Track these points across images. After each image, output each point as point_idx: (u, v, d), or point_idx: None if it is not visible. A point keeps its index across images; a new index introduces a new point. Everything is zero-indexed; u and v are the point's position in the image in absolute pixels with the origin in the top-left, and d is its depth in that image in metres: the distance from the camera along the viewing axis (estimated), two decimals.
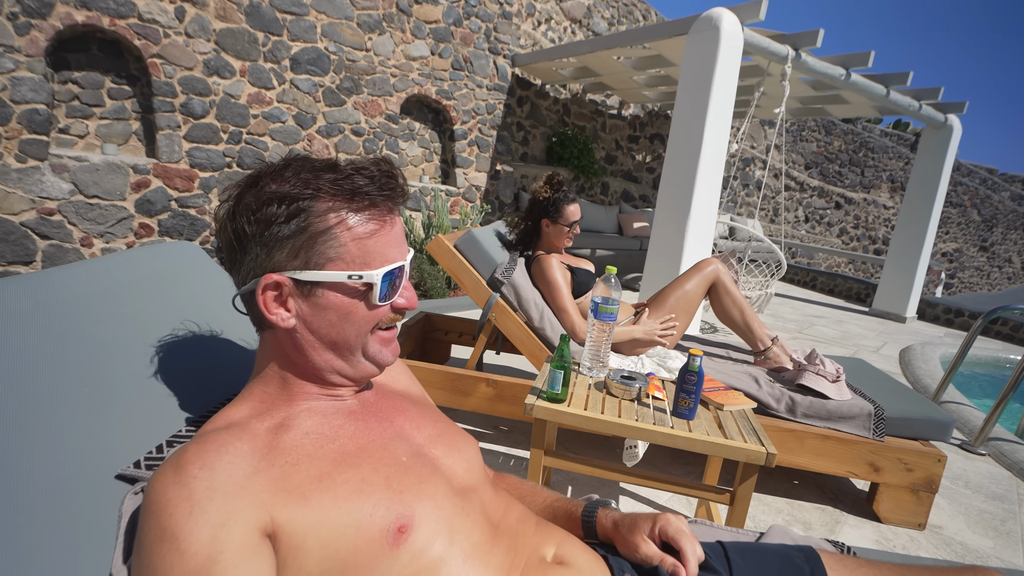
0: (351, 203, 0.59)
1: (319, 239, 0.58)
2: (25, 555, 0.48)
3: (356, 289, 0.61)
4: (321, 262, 0.59)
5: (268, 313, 0.59)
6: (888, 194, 11.13)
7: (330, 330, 0.61)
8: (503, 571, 0.57)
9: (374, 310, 0.62)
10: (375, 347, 0.64)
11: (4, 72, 3.21)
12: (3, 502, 0.50)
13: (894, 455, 1.72)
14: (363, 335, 0.63)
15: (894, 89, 4.62)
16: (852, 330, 4.91)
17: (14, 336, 0.62)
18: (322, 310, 0.60)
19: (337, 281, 0.59)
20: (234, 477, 0.50)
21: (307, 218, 0.58)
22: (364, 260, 0.60)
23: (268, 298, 0.59)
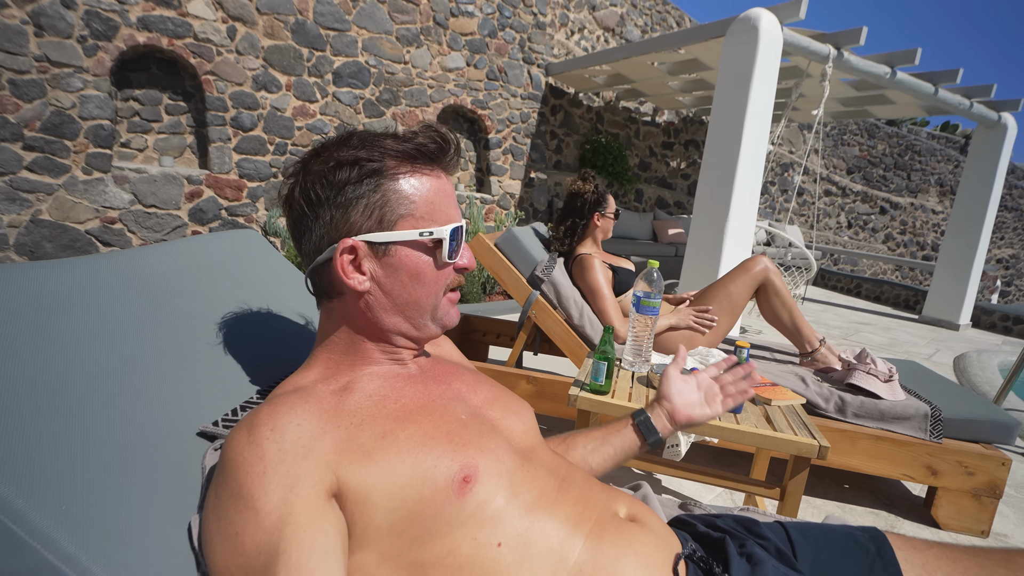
0: (415, 163, 0.62)
1: (391, 197, 0.61)
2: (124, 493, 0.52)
3: (426, 246, 0.63)
4: (393, 219, 0.61)
5: (346, 277, 0.61)
6: (937, 199, 10.67)
7: (402, 291, 0.63)
8: (571, 522, 0.58)
9: (443, 269, 0.65)
10: (443, 310, 0.67)
11: (74, 91, 3.44)
12: (103, 448, 0.54)
13: (953, 458, 1.65)
14: (435, 295, 0.65)
15: (943, 87, 4.46)
16: (901, 337, 4.71)
17: (106, 304, 0.68)
18: (395, 271, 0.62)
19: (409, 239, 0.62)
20: (302, 439, 0.53)
21: (378, 178, 0.61)
22: (432, 217, 0.63)
23: (345, 262, 0.61)
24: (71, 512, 0.47)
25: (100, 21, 3.47)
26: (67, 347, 0.58)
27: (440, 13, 4.94)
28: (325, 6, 4.32)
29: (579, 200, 2.07)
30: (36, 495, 0.46)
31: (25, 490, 0.45)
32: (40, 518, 0.45)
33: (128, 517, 0.51)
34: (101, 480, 0.51)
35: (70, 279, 0.66)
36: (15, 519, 0.43)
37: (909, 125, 11.50)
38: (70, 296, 0.64)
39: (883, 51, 4.01)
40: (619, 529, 0.60)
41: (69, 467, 0.50)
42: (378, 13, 4.60)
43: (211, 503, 0.51)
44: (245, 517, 0.48)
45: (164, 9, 3.67)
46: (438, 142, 0.63)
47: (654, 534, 0.62)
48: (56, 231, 3.48)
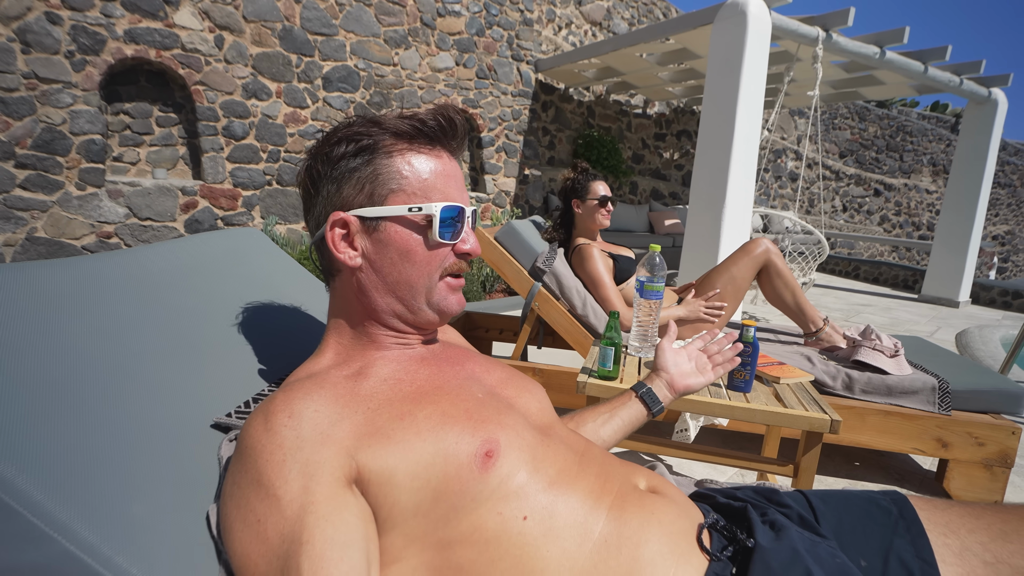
0: (412, 140, 0.62)
1: (382, 171, 0.61)
2: (138, 487, 0.52)
3: (416, 223, 0.62)
4: (383, 193, 0.61)
5: (336, 251, 0.61)
6: (930, 178, 10.71)
7: (392, 269, 0.62)
8: (593, 495, 0.58)
9: (435, 249, 0.63)
10: (441, 293, 0.64)
11: (63, 106, 3.43)
12: (117, 441, 0.53)
13: (963, 429, 1.65)
14: (428, 277, 0.63)
15: (932, 65, 4.47)
16: (902, 316, 4.72)
17: (112, 301, 0.67)
18: (384, 247, 0.62)
19: (398, 215, 0.61)
20: (320, 425, 0.52)
21: (371, 153, 0.61)
22: (425, 194, 0.61)
23: (336, 236, 0.61)
24: (90, 503, 0.46)
25: (87, 36, 3.46)
26: (75, 343, 0.58)
27: (427, 14, 4.94)
28: (311, 11, 4.31)
29: (562, 189, 2.09)
30: (54, 488, 0.45)
31: (43, 483, 0.45)
32: (60, 510, 0.44)
33: (146, 507, 0.50)
34: (117, 472, 0.51)
35: (74, 277, 0.65)
36: (35, 512, 0.43)
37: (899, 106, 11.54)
38: (75, 294, 0.63)
39: (871, 31, 4.02)
40: (640, 500, 0.59)
41: (83, 460, 0.49)
42: (365, 16, 4.59)
43: (229, 491, 0.50)
44: (267, 505, 0.48)
45: (151, 21, 3.66)
46: (439, 121, 0.62)
47: (675, 504, 0.62)
48: (52, 248, 3.47)
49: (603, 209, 2.03)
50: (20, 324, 0.55)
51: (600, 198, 2.02)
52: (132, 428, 0.55)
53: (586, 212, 2.04)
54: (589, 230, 2.08)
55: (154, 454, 0.55)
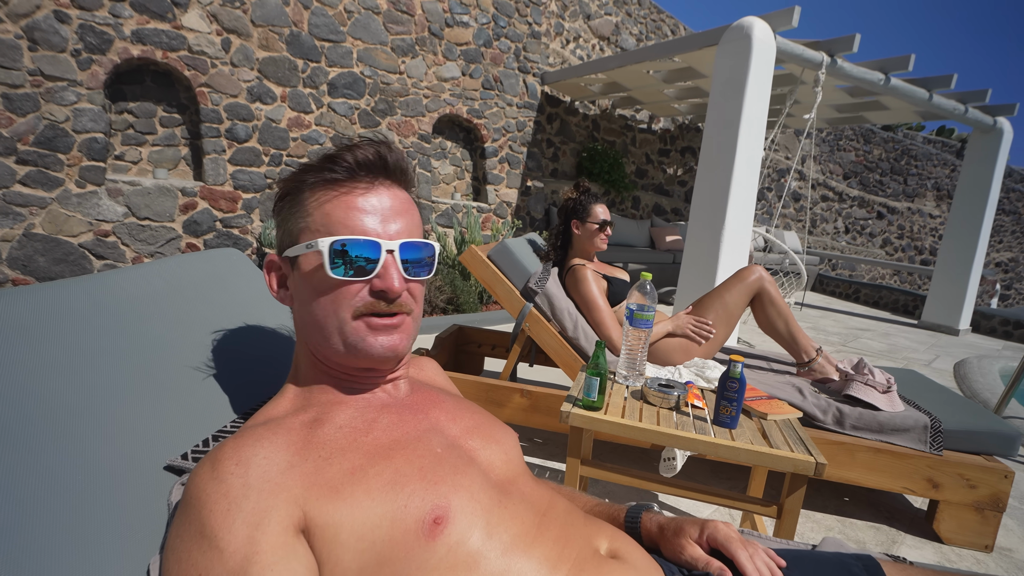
0: (328, 175, 0.60)
1: (294, 210, 0.62)
2: (79, 537, 0.50)
3: (314, 260, 0.60)
4: (295, 232, 0.61)
5: (272, 291, 0.65)
6: (934, 203, 10.68)
7: (304, 309, 0.63)
8: (550, 563, 0.55)
9: (340, 288, 0.59)
10: (355, 335, 0.60)
11: (67, 104, 3.44)
12: (59, 487, 0.51)
13: (954, 470, 1.62)
14: (335, 316, 0.60)
15: (937, 93, 4.47)
16: (900, 343, 4.69)
17: (72, 332, 0.65)
18: (301, 285, 0.62)
19: (300, 253, 0.61)
20: (269, 473, 0.50)
21: (294, 194, 0.62)
22: (327, 229, 0.59)
23: (272, 278, 0.65)
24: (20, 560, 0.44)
25: (94, 35, 3.47)
26: (25, 379, 0.56)
27: (435, 24, 4.96)
28: (320, 17, 4.33)
29: (562, 207, 2.08)
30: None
31: None
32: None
33: (85, 561, 0.48)
34: (57, 521, 0.49)
35: (35, 307, 0.64)
36: None
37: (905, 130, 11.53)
38: (32, 324, 0.61)
39: (877, 57, 4.02)
40: (599, 568, 0.57)
41: (22, 509, 0.47)
42: (373, 24, 4.61)
43: (172, 543, 0.49)
44: (209, 558, 0.46)
45: (158, 22, 3.68)
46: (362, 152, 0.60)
47: (636, 571, 0.59)
48: (49, 245, 3.46)
49: (602, 233, 2.03)
50: None
51: (600, 222, 2.02)
52: (77, 472, 0.53)
53: (585, 234, 2.03)
54: (586, 251, 2.07)
55: (98, 501, 0.53)
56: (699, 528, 0.66)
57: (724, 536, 0.64)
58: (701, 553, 0.63)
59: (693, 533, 0.65)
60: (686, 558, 0.64)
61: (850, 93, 4.96)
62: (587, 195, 2.04)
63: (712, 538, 0.65)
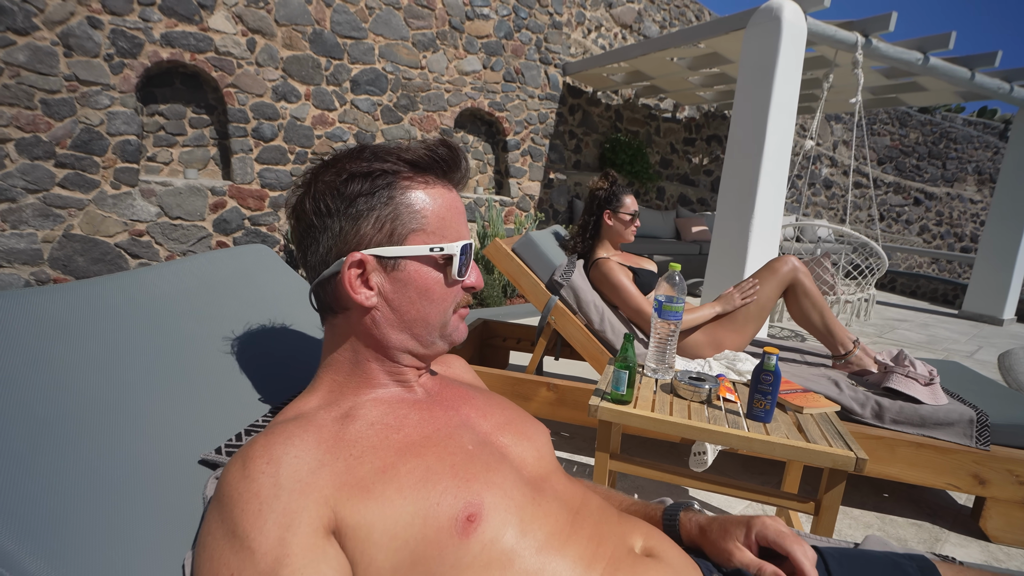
0: (426, 177, 0.62)
1: (402, 211, 0.60)
2: (118, 530, 0.50)
3: (436, 262, 0.62)
4: (404, 233, 0.60)
5: (353, 292, 0.60)
6: (975, 187, 10.24)
7: (410, 307, 0.62)
8: (584, 561, 0.54)
9: (452, 286, 0.63)
10: (452, 326, 0.65)
11: (101, 108, 3.54)
12: (99, 481, 0.52)
13: (1002, 466, 1.55)
14: (444, 313, 0.64)
15: (980, 71, 4.26)
16: (940, 334, 4.52)
17: (109, 329, 0.66)
18: (403, 286, 0.61)
19: (420, 254, 0.61)
20: (299, 472, 0.50)
21: (391, 191, 0.60)
22: (442, 232, 0.62)
23: (352, 276, 0.59)
24: (62, 552, 0.45)
25: (125, 39, 3.56)
26: (65, 375, 0.57)
27: (456, 17, 4.94)
28: (342, 15, 4.36)
29: (592, 197, 2.04)
30: (28, 537, 0.44)
31: (16, 531, 0.44)
32: (31, 561, 0.43)
33: (124, 555, 0.49)
34: (96, 516, 0.50)
35: (73, 304, 0.65)
36: (5, 563, 0.42)
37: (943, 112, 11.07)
38: (72, 321, 0.63)
39: (915, 36, 3.85)
40: (634, 566, 0.56)
41: (63, 503, 0.48)
42: (394, 20, 4.62)
43: (204, 540, 0.49)
44: (241, 558, 0.46)
45: (186, 25, 3.75)
46: (448, 157, 0.62)
47: (672, 570, 0.57)
48: (87, 245, 3.58)
49: (633, 225, 2.02)
50: (12, 355, 0.55)
51: (632, 213, 2.00)
52: (116, 467, 0.54)
53: (617, 225, 2.01)
54: (615, 242, 2.05)
55: (136, 496, 0.54)
56: (745, 528, 0.63)
57: (776, 533, 0.61)
58: (752, 558, 0.61)
59: (739, 535, 0.63)
60: (735, 564, 0.61)
61: (885, 75, 4.77)
62: (618, 185, 2.02)
63: (762, 536, 0.62)
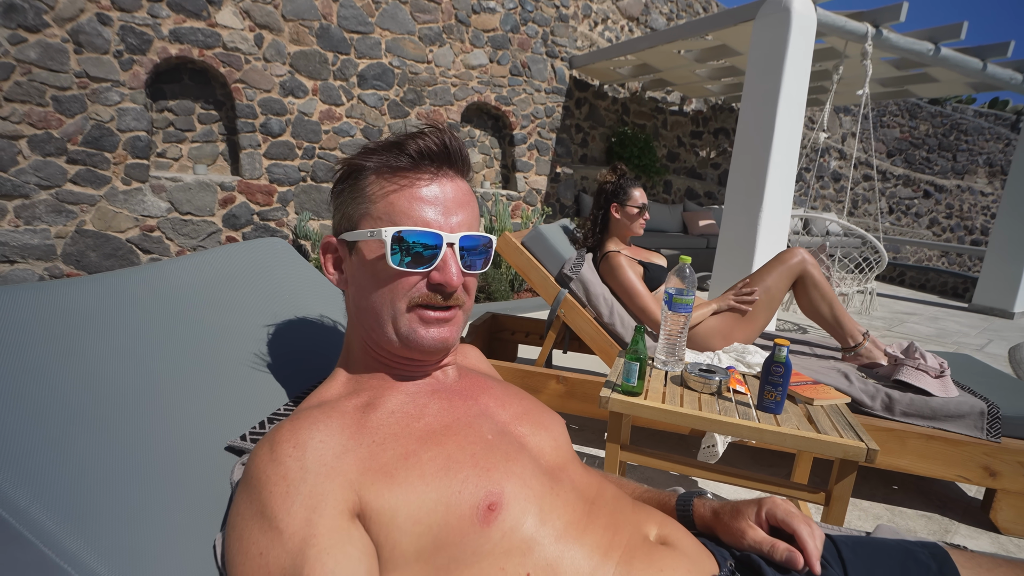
0: (392, 162, 0.60)
1: (356, 195, 0.62)
2: (149, 514, 0.52)
3: (376, 248, 0.60)
4: (356, 217, 0.62)
5: (326, 272, 0.65)
6: (986, 179, 10.13)
7: (361, 294, 0.63)
8: (601, 550, 0.55)
9: (399, 278, 0.59)
10: (407, 325, 0.61)
11: (111, 104, 3.57)
12: (132, 467, 0.54)
13: (1013, 458, 1.55)
14: (391, 305, 0.60)
15: (992, 62, 4.21)
16: (950, 327, 4.49)
17: (135, 319, 0.68)
18: (359, 270, 0.63)
19: (361, 239, 0.61)
20: (325, 457, 0.52)
21: (354, 179, 0.62)
22: (390, 218, 0.59)
23: (327, 260, 0.65)
24: (100, 532, 0.47)
25: (134, 36, 3.58)
26: (97, 365, 0.59)
27: (462, 11, 4.93)
28: (348, 9, 4.36)
29: (600, 191, 2.04)
30: (66, 517, 0.46)
31: (56, 512, 0.45)
32: (71, 540, 0.45)
33: (155, 536, 0.51)
34: (130, 500, 0.51)
35: (100, 296, 0.66)
36: (48, 542, 0.44)
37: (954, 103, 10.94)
38: (100, 313, 0.64)
39: (926, 27, 3.81)
40: (649, 555, 0.57)
41: (98, 487, 0.50)
42: (400, 14, 4.62)
43: (233, 521, 0.50)
44: (269, 538, 0.47)
45: (194, 21, 3.76)
46: (426, 145, 0.59)
47: (687, 557, 0.58)
48: (99, 240, 3.62)
49: (641, 218, 2.01)
50: (46, 347, 0.56)
51: (640, 206, 1.99)
52: (146, 454, 0.56)
53: (624, 218, 2.00)
54: (623, 236, 2.04)
55: (166, 480, 0.55)
56: (756, 507, 0.64)
57: (784, 512, 0.62)
58: (764, 536, 0.62)
59: (751, 514, 0.64)
60: (748, 543, 0.62)
61: (896, 66, 4.72)
62: (626, 178, 2.01)
63: (771, 515, 0.63)
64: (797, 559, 0.58)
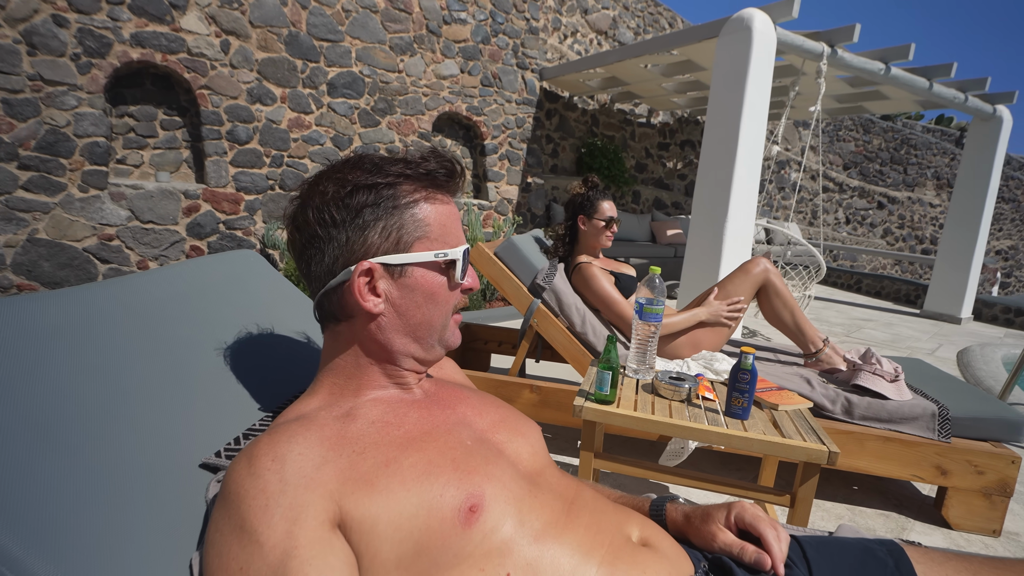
0: (427, 186, 0.64)
1: (407, 220, 0.62)
2: (120, 535, 0.51)
3: (440, 267, 0.65)
4: (410, 241, 0.63)
5: (363, 300, 0.61)
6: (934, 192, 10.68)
7: (416, 312, 0.64)
8: (582, 549, 0.57)
9: (454, 289, 0.66)
10: (449, 330, 0.68)
11: (68, 108, 3.44)
12: (101, 487, 0.52)
13: (963, 457, 1.63)
14: (446, 316, 0.66)
15: (937, 81, 4.47)
16: (904, 332, 4.70)
17: (104, 335, 0.66)
18: (410, 292, 0.63)
19: (425, 261, 0.63)
20: (304, 469, 0.52)
21: (395, 200, 0.62)
22: (444, 239, 0.65)
23: (362, 284, 0.61)
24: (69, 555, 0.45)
25: (93, 39, 3.47)
26: (64, 382, 0.57)
27: (433, 21, 4.95)
28: (318, 17, 4.32)
29: (569, 203, 2.07)
30: (32, 540, 0.44)
31: (22, 536, 0.44)
32: (38, 565, 0.43)
33: (128, 558, 0.50)
34: (101, 520, 0.50)
35: (67, 311, 0.65)
36: (13, 568, 0.42)
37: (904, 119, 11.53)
38: (67, 328, 0.63)
39: (877, 47, 4.02)
40: (633, 556, 0.58)
41: (66, 509, 0.48)
42: (371, 23, 4.60)
43: (212, 537, 0.50)
44: (249, 552, 0.47)
45: (157, 25, 3.67)
46: (447, 168, 0.65)
47: (667, 559, 0.60)
48: (53, 250, 3.47)
49: (608, 231, 2.03)
50: (10, 363, 0.55)
51: (607, 219, 2.01)
52: (117, 472, 0.54)
53: (591, 231, 2.02)
54: (592, 248, 2.07)
55: (138, 499, 0.54)
56: (725, 511, 0.67)
57: (752, 516, 0.65)
58: (733, 539, 0.64)
59: (720, 518, 0.67)
60: (718, 546, 0.65)
61: (850, 83, 4.95)
62: (595, 191, 2.03)
63: (740, 519, 0.66)
64: (765, 561, 0.61)
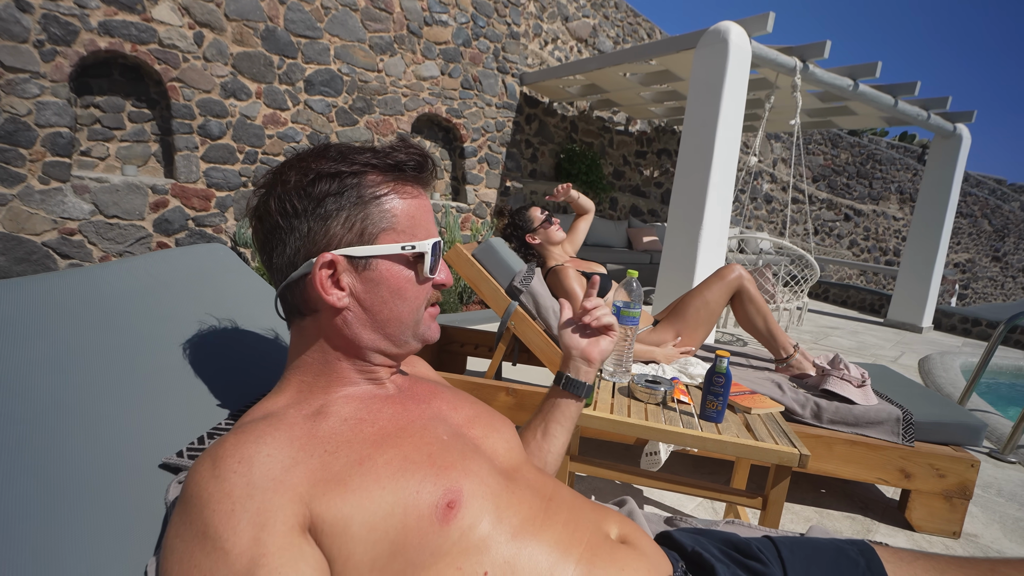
0: (396, 177, 0.61)
1: (373, 209, 0.59)
2: (75, 538, 0.48)
3: (408, 261, 0.62)
4: (375, 232, 0.60)
5: (325, 293, 0.58)
6: (897, 205, 11.08)
7: (383, 307, 0.61)
8: (561, 547, 0.56)
9: (424, 284, 0.63)
10: (425, 324, 0.66)
11: (29, 97, 3.30)
12: (52, 488, 0.49)
13: (925, 460, 1.68)
14: (417, 311, 0.64)
15: (902, 99, 4.63)
16: (868, 340, 4.85)
17: (58, 327, 0.63)
18: (375, 285, 0.60)
19: (391, 253, 0.60)
20: (272, 471, 0.49)
21: (360, 190, 0.59)
22: (413, 231, 0.62)
23: (323, 277, 0.58)
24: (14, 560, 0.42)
25: (59, 26, 3.34)
26: (13, 377, 0.54)
27: (414, 22, 4.92)
28: (296, 13, 4.26)
29: (510, 237, 2.16)
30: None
31: None
32: None
33: (80, 563, 0.47)
34: (51, 523, 0.47)
35: (21, 301, 0.61)
36: None
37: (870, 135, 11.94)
38: (19, 320, 0.59)
39: (846, 64, 4.15)
40: (611, 553, 0.58)
41: (12, 511, 0.45)
42: (350, 21, 4.55)
43: (172, 543, 0.47)
44: (213, 559, 0.44)
45: (127, 14, 3.56)
46: (416, 159, 0.62)
47: (646, 557, 0.60)
48: (10, 243, 3.32)
49: (552, 225, 2.14)
50: None
51: (545, 218, 2.11)
52: (69, 472, 0.51)
53: (544, 237, 2.11)
54: (557, 247, 2.14)
55: (93, 502, 0.51)
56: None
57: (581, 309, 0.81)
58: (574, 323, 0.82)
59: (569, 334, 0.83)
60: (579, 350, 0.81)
61: (820, 98, 5.11)
62: (517, 213, 2.17)
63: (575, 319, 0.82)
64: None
